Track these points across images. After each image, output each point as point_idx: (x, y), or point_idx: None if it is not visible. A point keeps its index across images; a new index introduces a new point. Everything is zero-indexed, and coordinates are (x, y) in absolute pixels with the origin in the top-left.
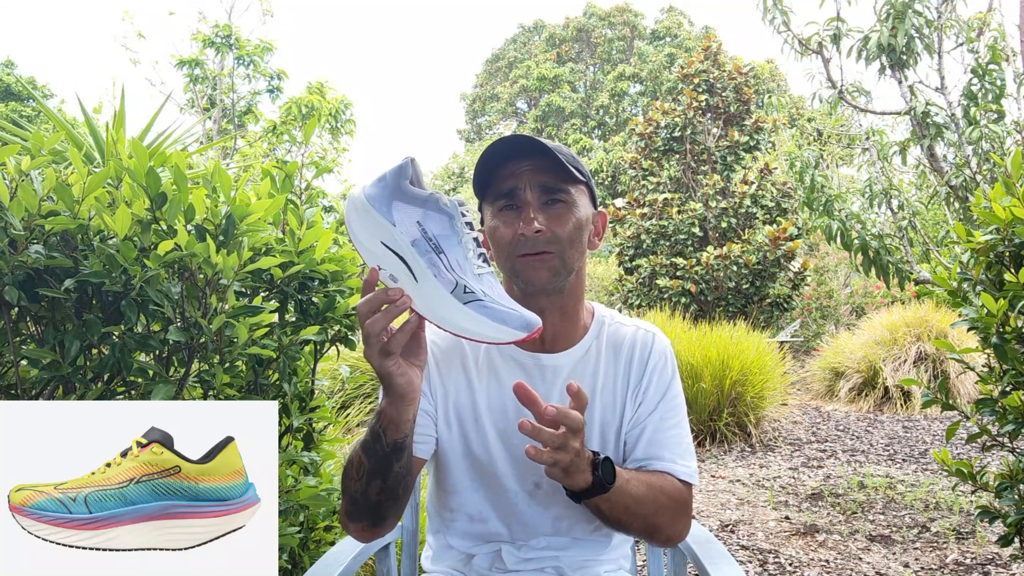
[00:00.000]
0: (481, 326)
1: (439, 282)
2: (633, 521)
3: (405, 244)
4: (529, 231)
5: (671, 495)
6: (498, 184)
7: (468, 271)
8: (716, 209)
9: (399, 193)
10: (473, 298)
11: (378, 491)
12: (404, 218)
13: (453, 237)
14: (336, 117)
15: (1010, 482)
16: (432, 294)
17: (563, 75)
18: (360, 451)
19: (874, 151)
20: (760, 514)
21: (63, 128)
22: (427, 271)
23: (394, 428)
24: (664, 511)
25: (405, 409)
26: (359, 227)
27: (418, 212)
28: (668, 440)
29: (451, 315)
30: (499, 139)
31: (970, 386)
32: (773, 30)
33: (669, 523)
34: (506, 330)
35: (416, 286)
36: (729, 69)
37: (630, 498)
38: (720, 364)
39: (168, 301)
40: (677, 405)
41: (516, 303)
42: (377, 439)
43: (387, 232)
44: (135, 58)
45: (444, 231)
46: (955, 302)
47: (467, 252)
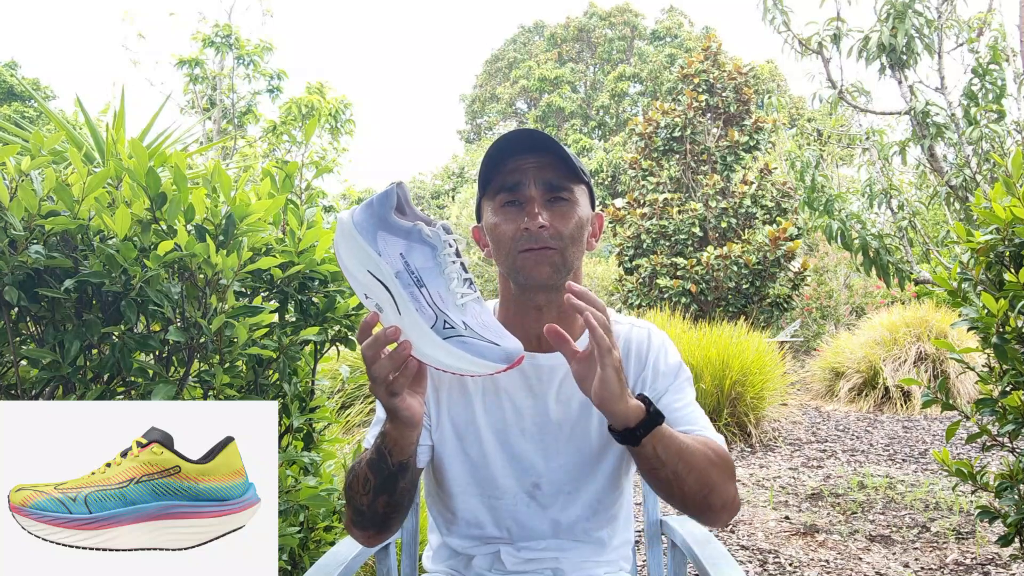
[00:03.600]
0: (460, 360)
1: (420, 316)
2: (689, 473)
3: (390, 275)
4: (534, 226)
5: (718, 452)
6: (501, 178)
7: (450, 303)
8: (716, 209)
9: (384, 223)
10: (453, 333)
11: (384, 505)
12: (388, 248)
13: (435, 269)
14: (336, 117)
15: (1010, 482)
16: (413, 328)
17: (563, 75)
18: (366, 468)
19: (874, 151)
20: (760, 514)
21: (63, 128)
22: (409, 304)
23: (399, 450)
24: (715, 468)
25: (409, 434)
26: (346, 253)
27: (402, 244)
28: (689, 416)
29: (430, 350)
30: (509, 132)
31: (970, 386)
32: (773, 30)
33: (722, 482)
34: (485, 363)
35: (399, 318)
36: (729, 69)
37: (683, 444)
38: (720, 364)
39: (168, 301)
40: (689, 388)
41: (501, 330)
42: (383, 458)
43: (373, 261)
44: (135, 58)
45: (427, 263)
46: (955, 302)
47: (450, 283)
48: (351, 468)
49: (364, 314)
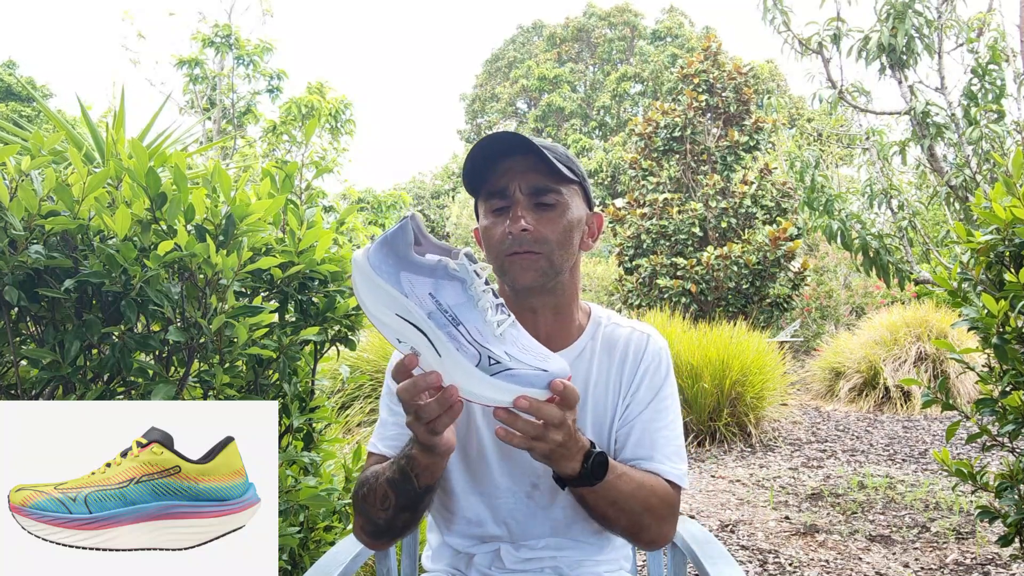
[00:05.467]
0: (511, 395)
1: (463, 356)
2: (619, 518)
3: (421, 317)
4: (516, 229)
5: (660, 496)
6: (492, 182)
7: (489, 335)
8: (716, 209)
9: (406, 263)
10: (500, 368)
11: (405, 521)
12: (416, 290)
13: (468, 303)
14: (336, 117)
15: (1010, 482)
16: (457, 369)
17: (563, 75)
18: (387, 487)
19: (874, 151)
20: (760, 514)
21: (63, 128)
22: (448, 345)
23: (428, 475)
24: (651, 512)
25: (440, 462)
26: (370, 299)
27: (429, 283)
28: (658, 440)
29: (479, 389)
30: (487, 136)
31: (970, 386)
32: (773, 30)
33: (656, 524)
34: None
35: (440, 360)
36: (729, 69)
37: (618, 493)
38: (720, 364)
39: (168, 301)
40: (668, 407)
41: (543, 351)
42: (407, 480)
43: (400, 304)
44: (135, 58)
45: (459, 299)
46: (955, 302)
47: (485, 314)
48: (364, 480)
49: (364, 314)
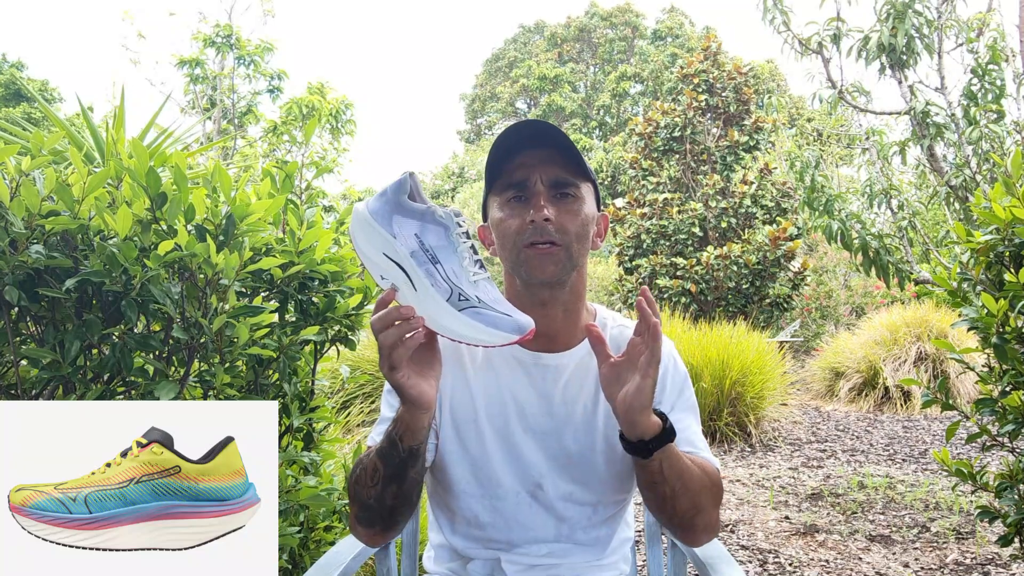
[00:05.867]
0: (475, 331)
1: (436, 291)
2: (685, 492)
3: (405, 255)
4: (539, 218)
5: (712, 477)
6: (509, 174)
7: (464, 279)
8: (716, 209)
9: (398, 207)
10: (467, 305)
11: (393, 496)
12: (403, 231)
13: (449, 247)
14: (336, 117)
15: (1010, 482)
16: (429, 302)
17: (564, 75)
18: (376, 457)
19: (874, 151)
20: (760, 514)
21: (63, 128)
22: (425, 280)
23: (410, 435)
24: (707, 492)
25: (420, 416)
26: (363, 239)
27: (416, 225)
28: (692, 438)
29: (447, 321)
30: (517, 123)
31: (970, 386)
32: (773, 30)
33: (711, 506)
34: (499, 334)
35: (415, 295)
36: (729, 69)
37: (684, 466)
38: (720, 364)
39: (170, 301)
40: (693, 405)
41: (511, 307)
42: (393, 445)
43: (388, 244)
44: (135, 58)
45: (440, 242)
46: (955, 302)
47: (463, 261)
48: (357, 462)
49: (365, 314)
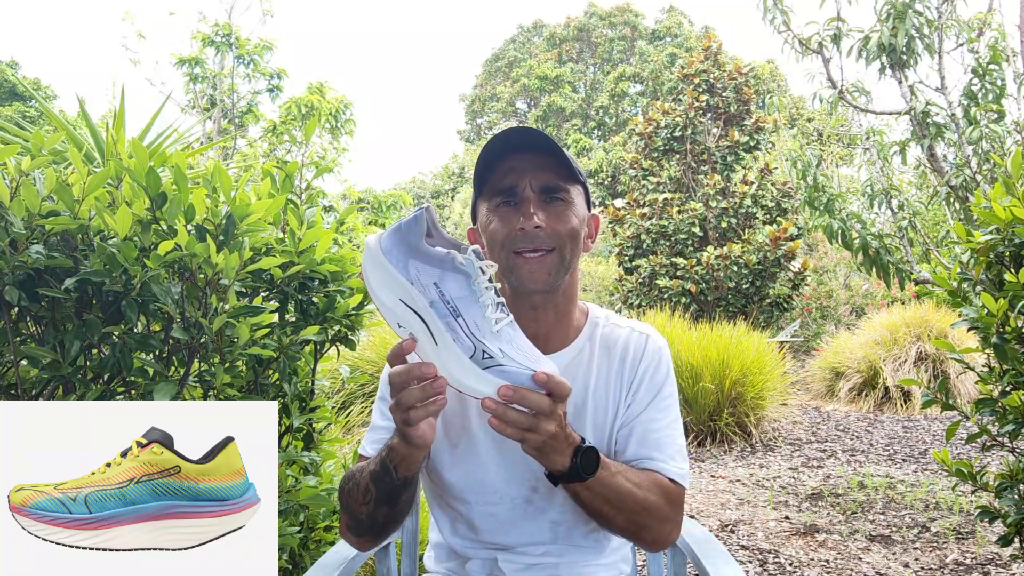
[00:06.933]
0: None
1: (458, 347)
2: (616, 516)
3: (424, 305)
4: (529, 226)
5: (661, 494)
6: (497, 180)
7: (486, 331)
8: (716, 209)
9: (416, 252)
10: (492, 363)
11: (385, 515)
12: (422, 278)
13: (470, 297)
14: (336, 117)
15: (1010, 482)
16: (451, 359)
17: (564, 75)
18: (368, 480)
19: (874, 151)
20: (760, 514)
21: (63, 128)
22: (446, 335)
23: (405, 467)
24: (652, 511)
25: (417, 452)
26: (377, 282)
27: (435, 273)
28: (659, 440)
29: (471, 381)
30: (505, 129)
31: (970, 386)
32: (773, 30)
33: (656, 523)
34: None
35: (436, 349)
36: (729, 69)
37: (614, 491)
38: (720, 364)
39: (170, 300)
40: (669, 406)
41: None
42: (387, 472)
43: (405, 291)
44: (135, 58)
45: (462, 292)
46: (955, 302)
47: (485, 310)
48: (349, 476)
49: (365, 314)
